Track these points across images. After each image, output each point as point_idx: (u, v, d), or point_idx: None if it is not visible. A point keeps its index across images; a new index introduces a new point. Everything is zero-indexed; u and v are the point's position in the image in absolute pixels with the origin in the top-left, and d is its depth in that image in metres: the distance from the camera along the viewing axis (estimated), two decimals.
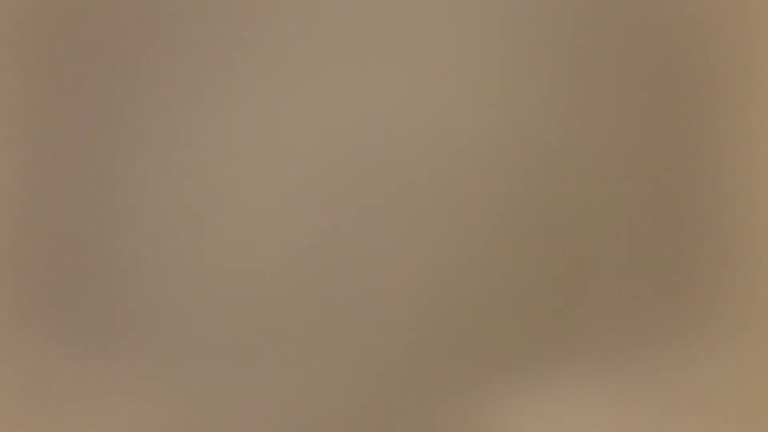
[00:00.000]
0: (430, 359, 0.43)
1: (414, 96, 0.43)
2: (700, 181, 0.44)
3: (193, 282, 0.43)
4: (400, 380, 0.43)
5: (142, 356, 0.43)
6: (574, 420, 0.43)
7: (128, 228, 0.43)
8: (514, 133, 0.43)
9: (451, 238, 0.43)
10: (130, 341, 0.43)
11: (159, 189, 0.43)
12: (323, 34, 0.43)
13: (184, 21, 0.43)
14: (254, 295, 0.43)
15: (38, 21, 0.43)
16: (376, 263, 0.43)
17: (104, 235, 0.43)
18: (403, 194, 0.42)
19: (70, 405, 0.43)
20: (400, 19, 0.43)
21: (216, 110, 0.43)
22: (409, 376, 0.43)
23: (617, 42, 0.43)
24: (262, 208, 0.43)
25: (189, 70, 0.43)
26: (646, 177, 0.43)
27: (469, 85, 0.43)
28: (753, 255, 0.44)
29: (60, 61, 0.43)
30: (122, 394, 0.43)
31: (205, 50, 0.43)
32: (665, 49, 0.44)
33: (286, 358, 0.43)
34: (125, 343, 0.43)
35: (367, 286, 0.43)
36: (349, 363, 0.43)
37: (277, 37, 0.43)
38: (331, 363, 0.43)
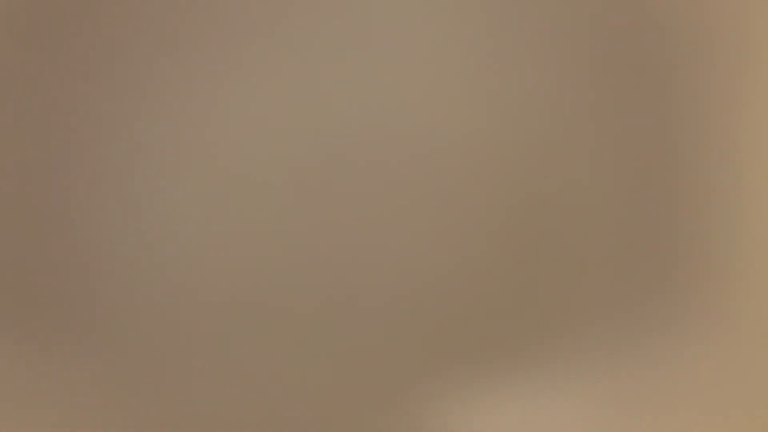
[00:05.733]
0: (417, 354, 0.43)
1: (408, 94, 0.43)
2: (692, 180, 0.44)
3: (181, 278, 0.43)
4: (387, 376, 0.43)
5: (126, 354, 0.43)
6: (560, 420, 0.43)
7: (122, 223, 0.43)
8: (503, 133, 0.43)
9: (438, 237, 0.43)
10: (116, 338, 0.43)
11: (148, 184, 0.43)
12: (320, 33, 0.43)
13: (178, 20, 0.43)
14: (241, 289, 0.43)
15: (38, 18, 0.43)
16: (364, 260, 0.43)
17: (92, 230, 0.43)
18: (391, 192, 0.43)
19: (60, 405, 0.43)
20: (395, 18, 0.43)
21: (210, 109, 0.43)
22: (396, 373, 0.43)
23: (609, 42, 0.43)
24: (255, 203, 0.43)
25: (182, 68, 0.43)
26: (636, 177, 0.43)
27: (460, 84, 0.43)
28: (743, 254, 0.44)
29: (57, 60, 0.43)
30: (111, 390, 0.43)
31: (200, 49, 0.43)
32: (656, 49, 0.44)
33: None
34: (111, 340, 0.43)
35: (356, 282, 0.43)
36: (339, 355, 0.43)
37: (272, 34, 0.43)
38: (318, 357, 0.43)
